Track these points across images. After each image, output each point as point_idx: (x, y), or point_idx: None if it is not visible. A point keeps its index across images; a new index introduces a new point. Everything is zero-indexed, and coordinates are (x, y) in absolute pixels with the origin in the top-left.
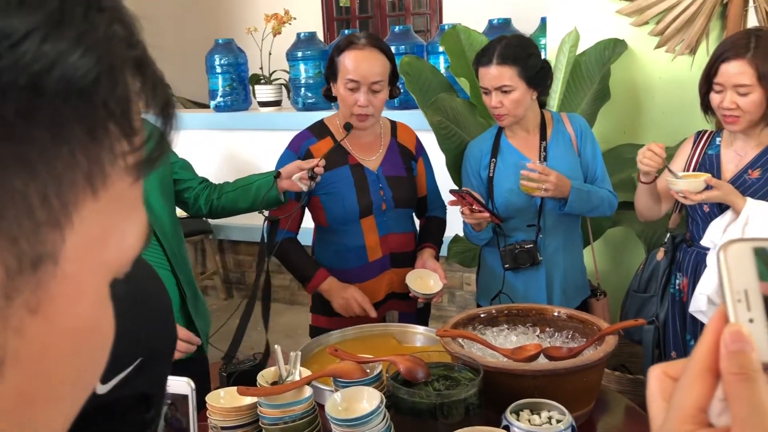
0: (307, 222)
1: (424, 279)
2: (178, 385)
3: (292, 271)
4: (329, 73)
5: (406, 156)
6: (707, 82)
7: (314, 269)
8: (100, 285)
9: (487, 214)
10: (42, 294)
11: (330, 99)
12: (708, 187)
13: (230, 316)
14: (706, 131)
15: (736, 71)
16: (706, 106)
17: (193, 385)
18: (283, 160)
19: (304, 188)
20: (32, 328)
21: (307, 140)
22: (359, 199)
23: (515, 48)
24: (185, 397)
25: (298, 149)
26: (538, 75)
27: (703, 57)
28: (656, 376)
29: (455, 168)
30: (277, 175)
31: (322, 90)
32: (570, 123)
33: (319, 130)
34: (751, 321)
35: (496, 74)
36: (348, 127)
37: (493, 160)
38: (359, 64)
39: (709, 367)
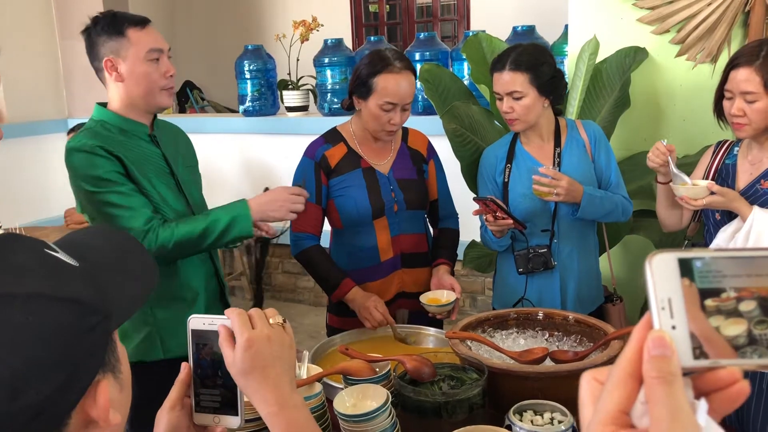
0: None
1: (438, 295)
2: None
3: (317, 280)
4: (360, 90)
5: (417, 159)
6: (720, 88)
7: (340, 278)
8: None
9: (510, 221)
10: None
11: (349, 110)
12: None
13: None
14: (726, 141)
15: (744, 78)
16: (719, 112)
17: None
18: (302, 166)
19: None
20: None
21: (322, 146)
22: (372, 201)
23: (529, 56)
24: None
25: (314, 155)
26: (549, 83)
27: (724, 65)
28: (587, 381)
29: (470, 175)
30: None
31: (342, 103)
32: (584, 129)
33: (333, 136)
34: (673, 328)
35: (508, 80)
36: None
37: (508, 165)
38: (398, 89)
39: (632, 372)
